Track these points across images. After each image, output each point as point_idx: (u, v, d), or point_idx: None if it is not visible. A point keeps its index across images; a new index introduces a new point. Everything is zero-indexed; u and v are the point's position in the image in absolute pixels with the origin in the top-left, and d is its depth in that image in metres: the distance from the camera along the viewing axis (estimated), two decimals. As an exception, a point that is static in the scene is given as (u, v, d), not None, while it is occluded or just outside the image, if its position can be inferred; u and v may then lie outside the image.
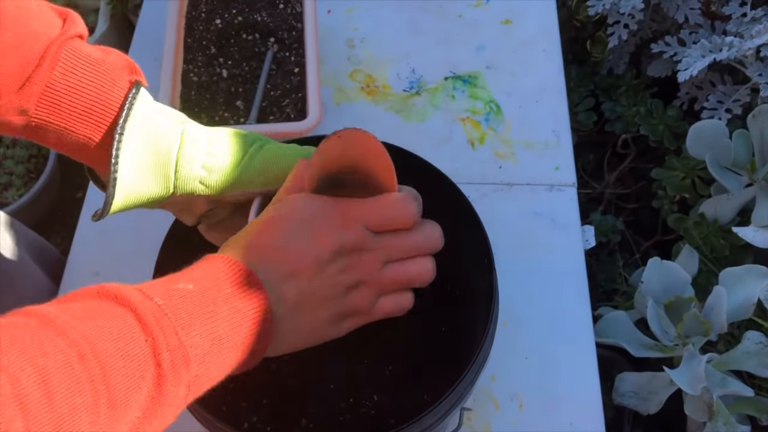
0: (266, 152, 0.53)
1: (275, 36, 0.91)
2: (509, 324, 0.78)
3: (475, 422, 0.72)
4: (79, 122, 0.49)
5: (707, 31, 1.07)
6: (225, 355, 0.43)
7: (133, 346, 0.38)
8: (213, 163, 0.52)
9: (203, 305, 0.42)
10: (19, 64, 0.47)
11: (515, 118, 0.93)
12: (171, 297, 0.42)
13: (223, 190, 0.53)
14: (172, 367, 0.40)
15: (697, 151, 0.93)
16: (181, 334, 0.40)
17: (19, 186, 1.31)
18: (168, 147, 0.50)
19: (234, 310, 0.44)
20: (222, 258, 0.45)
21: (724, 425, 0.76)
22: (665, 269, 0.83)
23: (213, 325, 0.42)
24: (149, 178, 0.50)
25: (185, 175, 0.51)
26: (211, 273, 0.44)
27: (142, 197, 0.51)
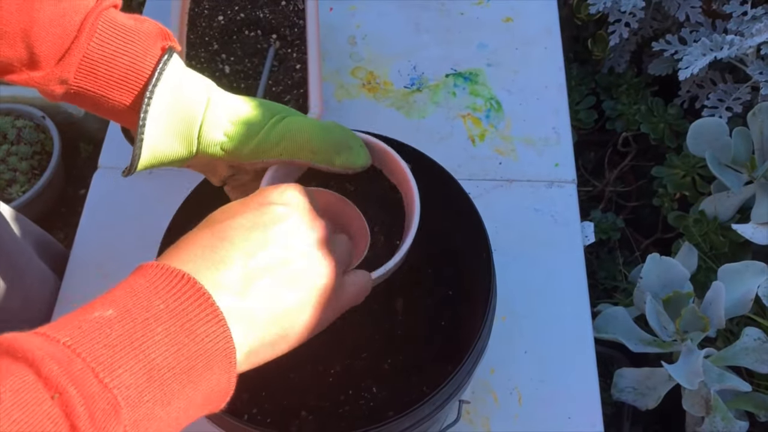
0: (285, 125, 0.54)
1: (277, 33, 0.92)
2: (509, 319, 0.78)
3: (474, 415, 0.73)
4: (115, 89, 0.51)
5: (708, 30, 1.07)
6: (172, 386, 0.36)
7: (34, 412, 0.31)
8: (234, 131, 0.53)
9: (129, 332, 0.35)
10: (60, 36, 0.49)
11: (516, 115, 0.94)
12: (84, 331, 0.34)
13: (241, 157, 0.54)
14: (92, 423, 0.32)
15: (698, 149, 0.93)
16: (103, 375, 0.33)
17: (23, 182, 1.32)
18: (194, 112, 0.52)
19: (172, 329, 0.36)
20: (149, 266, 0.39)
21: (721, 420, 0.77)
22: (664, 265, 0.84)
23: (145, 354, 0.35)
24: (174, 140, 0.52)
25: (207, 140, 0.52)
26: (137, 289, 0.37)
27: (167, 157, 0.53)
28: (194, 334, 0.37)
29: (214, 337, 0.37)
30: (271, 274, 0.42)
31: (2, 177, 1.32)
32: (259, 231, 0.42)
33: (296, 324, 0.43)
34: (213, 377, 0.38)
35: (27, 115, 1.38)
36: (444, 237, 0.67)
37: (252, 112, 0.54)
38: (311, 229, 0.45)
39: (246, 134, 0.53)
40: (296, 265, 0.43)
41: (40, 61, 0.50)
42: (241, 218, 0.43)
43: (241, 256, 0.41)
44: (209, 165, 0.57)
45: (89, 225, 0.87)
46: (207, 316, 0.37)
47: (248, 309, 0.40)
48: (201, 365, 0.37)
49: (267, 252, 0.42)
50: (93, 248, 0.86)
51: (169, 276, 0.38)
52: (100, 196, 0.90)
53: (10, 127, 1.36)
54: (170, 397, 0.36)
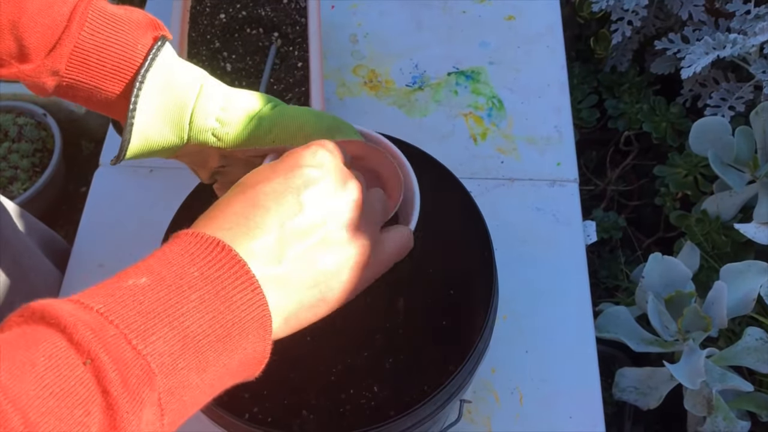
0: (277, 111, 0.54)
1: (279, 31, 0.92)
2: (510, 318, 0.78)
3: (476, 415, 0.73)
4: (108, 79, 0.51)
5: (711, 29, 1.07)
6: (207, 354, 0.35)
7: (67, 376, 0.31)
8: (226, 117, 0.52)
9: (163, 299, 0.35)
10: (49, 26, 0.49)
11: (517, 113, 0.93)
12: (117, 299, 0.34)
13: (234, 145, 0.53)
14: (126, 388, 0.32)
15: (700, 148, 0.93)
16: (136, 341, 0.33)
17: (24, 180, 1.32)
18: (185, 98, 0.51)
19: (207, 297, 0.36)
20: (183, 234, 0.38)
21: (723, 420, 0.77)
22: (666, 265, 0.83)
23: (180, 322, 0.34)
24: (164, 126, 0.51)
25: (199, 126, 0.52)
26: (171, 257, 0.37)
27: (157, 144, 0.52)
28: (230, 301, 0.37)
29: (249, 305, 0.37)
30: (306, 238, 0.41)
31: (3, 174, 1.32)
32: (291, 195, 0.42)
33: (335, 286, 0.43)
34: (249, 345, 0.37)
35: (28, 112, 1.38)
36: (446, 236, 0.67)
37: (244, 99, 0.54)
38: (344, 189, 0.44)
39: (238, 121, 0.53)
40: (331, 227, 0.42)
41: (29, 53, 0.49)
42: (273, 183, 0.42)
43: (275, 222, 0.40)
44: (200, 155, 0.56)
45: (90, 223, 0.87)
46: (242, 284, 0.37)
47: (284, 275, 0.40)
48: (236, 333, 0.37)
49: (301, 216, 0.41)
50: (94, 246, 0.86)
51: (204, 244, 0.38)
52: (102, 194, 0.89)
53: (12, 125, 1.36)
54: (205, 365, 0.35)
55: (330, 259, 0.42)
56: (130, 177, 0.90)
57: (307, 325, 0.43)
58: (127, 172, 0.90)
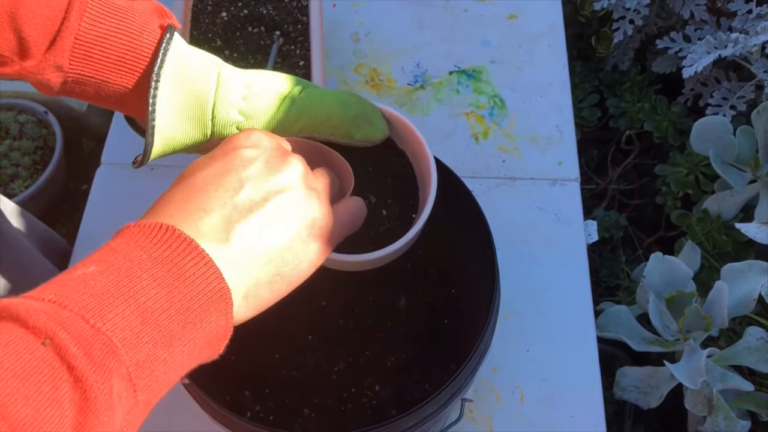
0: (303, 101, 0.52)
1: (281, 29, 0.92)
2: (511, 317, 0.78)
3: (477, 414, 0.73)
4: (113, 72, 0.49)
5: (712, 28, 1.07)
6: (170, 327, 0.35)
7: (28, 358, 0.30)
8: (250, 109, 0.51)
9: (114, 282, 0.35)
10: (48, 17, 0.47)
11: (519, 112, 0.93)
12: (68, 287, 0.34)
13: None
14: (90, 360, 0.31)
15: (701, 147, 0.93)
16: (94, 320, 0.33)
17: (25, 178, 1.32)
18: (205, 92, 0.49)
19: (159, 274, 0.36)
20: (126, 227, 0.38)
21: (724, 420, 0.77)
22: (667, 264, 0.83)
23: (135, 298, 0.34)
24: (187, 125, 0.50)
25: (222, 121, 0.50)
26: (117, 246, 0.37)
27: (180, 143, 0.51)
28: (183, 276, 0.36)
29: (205, 278, 0.37)
30: (252, 214, 0.41)
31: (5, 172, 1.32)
32: (230, 175, 0.41)
33: (290, 260, 0.42)
34: (212, 318, 0.37)
35: (29, 110, 1.38)
36: (447, 235, 0.67)
37: (265, 87, 0.52)
38: (284, 164, 0.44)
39: (261, 112, 0.51)
40: (277, 201, 0.42)
41: (30, 47, 0.47)
42: (211, 168, 0.42)
43: (218, 202, 0.40)
44: None
45: (91, 221, 0.87)
46: (193, 259, 0.37)
47: (234, 252, 0.39)
48: (197, 306, 0.36)
49: (242, 193, 0.41)
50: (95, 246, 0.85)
51: (148, 229, 0.37)
52: (103, 193, 0.89)
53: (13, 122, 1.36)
54: (170, 339, 0.35)
55: (279, 234, 0.41)
56: (131, 175, 0.90)
57: (270, 305, 0.42)
58: (128, 171, 0.90)
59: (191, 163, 0.44)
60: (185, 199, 0.40)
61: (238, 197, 0.41)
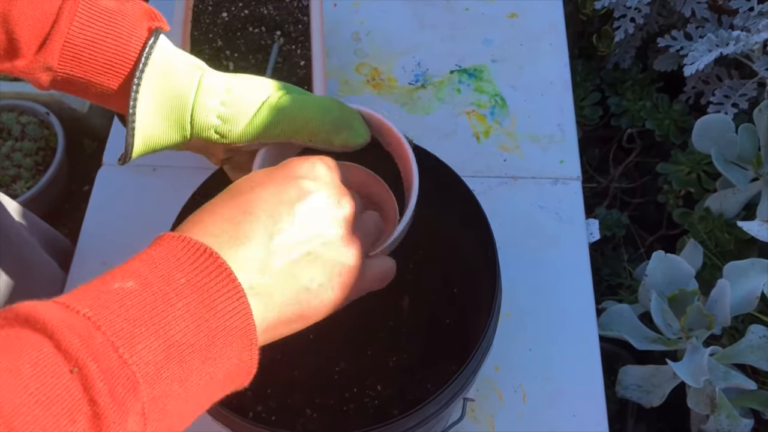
0: (281, 106, 0.52)
1: (281, 29, 0.92)
2: (513, 316, 0.78)
3: (479, 413, 0.73)
4: (102, 74, 0.50)
5: (714, 26, 1.07)
6: (190, 362, 0.35)
7: (53, 384, 0.30)
8: (228, 113, 0.51)
9: (149, 306, 0.34)
10: (38, 20, 0.48)
11: (520, 111, 0.93)
12: (104, 303, 0.34)
13: (238, 141, 0.52)
14: (112, 398, 0.31)
15: (703, 145, 0.93)
16: (123, 350, 0.32)
17: (27, 178, 1.32)
18: (184, 95, 0.50)
19: (192, 305, 0.35)
20: (170, 237, 0.38)
21: (726, 418, 0.77)
22: (669, 262, 0.83)
23: (165, 330, 0.34)
24: (166, 126, 0.51)
25: (200, 124, 0.51)
26: (158, 260, 0.36)
27: (161, 143, 0.52)
28: (215, 309, 0.36)
29: (234, 314, 0.37)
30: (293, 253, 0.40)
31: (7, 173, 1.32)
32: (284, 206, 0.41)
33: (315, 304, 0.42)
34: (233, 354, 0.37)
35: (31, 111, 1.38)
36: (449, 234, 0.67)
37: (245, 92, 0.52)
38: (339, 206, 0.43)
39: (240, 116, 0.51)
40: (320, 245, 0.42)
41: (20, 47, 0.48)
42: (266, 191, 0.41)
43: (265, 233, 0.40)
44: (206, 148, 0.56)
45: (94, 222, 0.87)
46: (228, 292, 0.37)
47: (268, 287, 0.39)
48: (221, 342, 0.36)
49: (291, 230, 0.41)
50: (98, 245, 0.86)
51: (191, 249, 0.37)
52: (105, 194, 0.90)
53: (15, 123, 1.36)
54: (188, 374, 0.35)
55: (315, 277, 0.41)
56: (133, 176, 0.90)
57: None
58: (130, 171, 0.90)
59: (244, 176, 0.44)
60: (233, 221, 0.40)
61: (285, 233, 0.41)
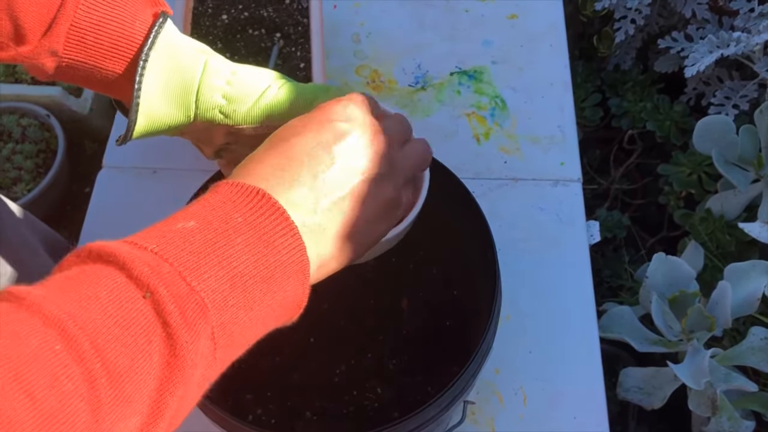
0: (288, 86, 0.54)
1: (281, 31, 0.92)
2: (513, 318, 0.78)
3: (479, 416, 0.73)
4: (107, 58, 0.51)
5: (714, 27, 1.06)
6: (253, 292, 0.37)
7: (129, 308, 0.33)
8: (233, 93, 0.52)
9: (211, 241, 0.37)
10: (44, 5, 0.48)
11: (521, 113, 0.93)
12: (169, 240, 0.36)
13: (242, 122, 0.53)
14: (184, 320, 0.34)
15: (704, 146, 0.93)
16: (190, 278, 0.35)
17: (28, 181, 1.32)
18: (191, 75, 0.51)
19: (251, 240, 0.38)
20: (225, 184, 0.41)
21: (728, 420, 0.76)
22: (670, 264, 0.83)
23: (228, 262, 0.37)
24: (171, 105, 0.51)
25: (205, 103, 0.52)
26: (215, 203, 0.39)
27: (164, 123, 0.52)
28: (272, 245, 0.39)
29: (290, 249, 0.39)
30: (337, 192, 0.43)
31: (7, 175, 1.32)
32: (323, 149, 0.44)
33: (359, 239, 0.44)
34: (290, 287, 0.39)
35: (32, 113, 1.38)
36: (449, 237, 0.67)
37: (249, 75, 0.53)
38: (372, 143, 0.45)
39: (245, 97, 0.52)
40: (361, 182, 0.44)
41: (26, 33, 0.49)
42: (305, 137, 0.44)
43: (309, 175, 0.42)
44: (206, 132, 0.56)
45: (94, 225, 0.87)
46: (283, 230, 0.39)
47: (319, 224, 0.42)
48: (279, 275, 0.39)
49: (333, 170, 0.43)
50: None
51: (245, 192, 0.40)
52: (105, 196, 0.90)
53: (15, 126, 1.36)
54: (252, 303, 0.37)
55: (358, 214, 0.44)
56: (133, 178, 0.90)
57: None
58: (130, 174, 0.90)
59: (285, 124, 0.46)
60: (280, 166, 0.42)
61: (329, 173, 0.43)
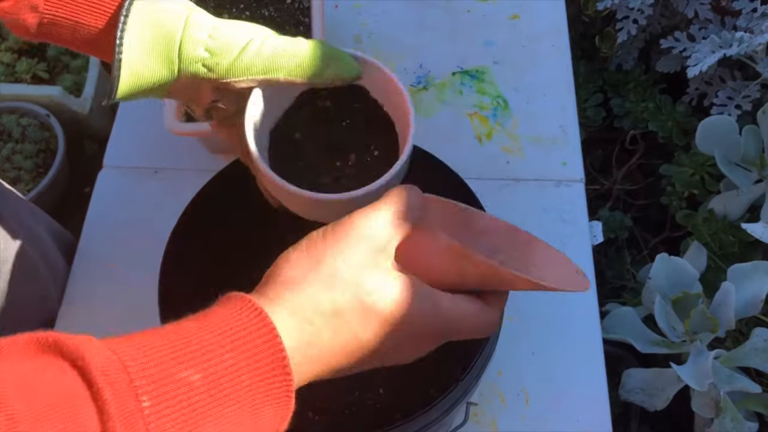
0: (272, 39, 0.52)
1: (282, 31, 0.91)
2: (516, 319, 0.77)
3: (482, 417, 0.72)
4: (87, 13, 0.50)
5: (717, 27, 1.06)
6: None
7: None
8: (215, 47, 0.51)
9: (207, 409, 0.33)
10: None
11: (523, 113, 0.93)
12: (166, 396, 0.32)
13: (225, 74, 0.52)
14: None
15: (707, 147, 0.92)
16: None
17: (28, 181, 1.32)
18: (172, 29, 0.50)
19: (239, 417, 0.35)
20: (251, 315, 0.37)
21: (731, 422, 0.76)
22: (673, 265, 0.83)
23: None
24: (153, 60, 0.50)
25: (188, 56, 0.51)
26: (231, 346, 0.35)
27: (147, 79, 0.51)
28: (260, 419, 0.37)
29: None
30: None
31: (7, 175, 1.32)
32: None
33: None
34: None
35: (31, 113, 1.38)
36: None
37: (233, 27, 0.52)
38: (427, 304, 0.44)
39: (228, 49, 0.51)
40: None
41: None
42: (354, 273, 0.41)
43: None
44: (192, 88, 0.55)
45: (95, 225, 0.87)
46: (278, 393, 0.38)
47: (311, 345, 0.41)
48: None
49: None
50: (98, 248, 0.85)
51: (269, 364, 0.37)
52: (105, 196, 0.89)
53: (15, 126, 1.35)
54: None
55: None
56: (134, 178, 0.89)
57: None
58: (130, 174, 0.90)
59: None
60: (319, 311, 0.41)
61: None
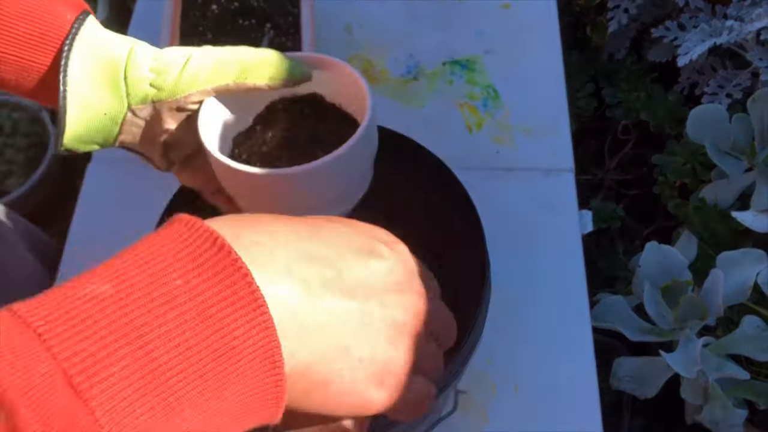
0: (213, 50, 0.54)
1: (272, 21, 0.91)
2: (505, 307, 0.77)
3: (471, 405, 0.73)
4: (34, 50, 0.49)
5: (707, 15, 1.06)
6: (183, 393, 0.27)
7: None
8: (159, 66, 0.52)
9: (128, 317, 0.27)
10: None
11: (513, 103, 0.93)
12: (66, 314, 0.26)
13: (173, 90, 0.52)
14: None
15: (698, 136, 0.92)
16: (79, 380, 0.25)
17: (20, 175, 1.32)
18: (117, 56, 0.51)
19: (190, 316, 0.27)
20: (179, 222, 0.30)
21: (720, 409, 0.76)
22: (663, 253, 0.83)
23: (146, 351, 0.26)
24: (99, 87, 0.50)
25: (134, 79, 0.51)
26: (152, 253, 0.28)
27: (96, 110, 0.51)
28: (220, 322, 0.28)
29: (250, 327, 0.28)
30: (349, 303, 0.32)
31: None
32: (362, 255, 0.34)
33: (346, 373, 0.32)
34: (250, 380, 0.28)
35: (23, 107, 1.37)
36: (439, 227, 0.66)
37: (175, 49, 0.53)
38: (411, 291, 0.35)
39: (173, 65, 0.52)
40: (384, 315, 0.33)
41: None
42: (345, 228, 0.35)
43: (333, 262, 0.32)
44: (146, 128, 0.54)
45: (84, 219, 0.87)
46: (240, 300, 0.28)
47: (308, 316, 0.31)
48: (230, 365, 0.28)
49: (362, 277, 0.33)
50: (87, 244, 0.85)
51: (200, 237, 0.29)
52: (94, 190, 0.89)
53: (6, 120, 1.35)
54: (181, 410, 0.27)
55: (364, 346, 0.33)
56: (123, 171, 0.89)
57: None
58: (120, 166, 0.89)
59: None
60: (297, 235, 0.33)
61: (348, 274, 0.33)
